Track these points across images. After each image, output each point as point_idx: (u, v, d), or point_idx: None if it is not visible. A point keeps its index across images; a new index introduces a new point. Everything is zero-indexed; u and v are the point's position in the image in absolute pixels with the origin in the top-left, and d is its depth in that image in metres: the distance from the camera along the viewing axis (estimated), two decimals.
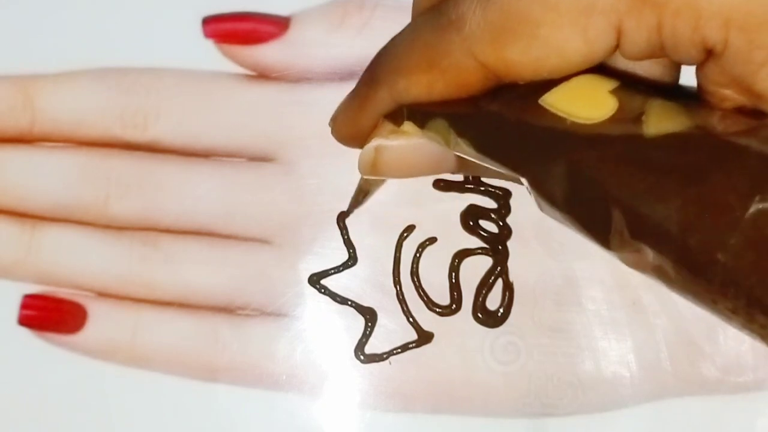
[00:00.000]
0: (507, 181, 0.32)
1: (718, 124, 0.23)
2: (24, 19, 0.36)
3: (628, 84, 0.24)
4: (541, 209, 0.24)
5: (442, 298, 0.35)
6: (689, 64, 0.24)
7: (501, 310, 0.34)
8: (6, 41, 0.36)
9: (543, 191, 0.24)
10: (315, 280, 0.34)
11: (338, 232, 0.35)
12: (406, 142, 0.27)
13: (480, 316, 0.34)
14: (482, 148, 0.25)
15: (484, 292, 0.34)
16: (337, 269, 0.35)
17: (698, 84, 0.25)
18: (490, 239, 0.35)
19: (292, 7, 0.35)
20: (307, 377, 0.34)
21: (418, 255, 0.35)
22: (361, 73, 0.35)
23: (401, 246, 0.35)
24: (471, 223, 0.35)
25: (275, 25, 0.35)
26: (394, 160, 0.28)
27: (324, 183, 0.35)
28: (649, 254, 0.22)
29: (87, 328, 0.35)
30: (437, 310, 0.34)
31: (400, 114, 0.27)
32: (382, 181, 0.33)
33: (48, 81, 0.35)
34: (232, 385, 0.34)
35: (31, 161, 0.35)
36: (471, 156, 0.26)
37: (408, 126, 0.27)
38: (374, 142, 0.28)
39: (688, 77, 0.25)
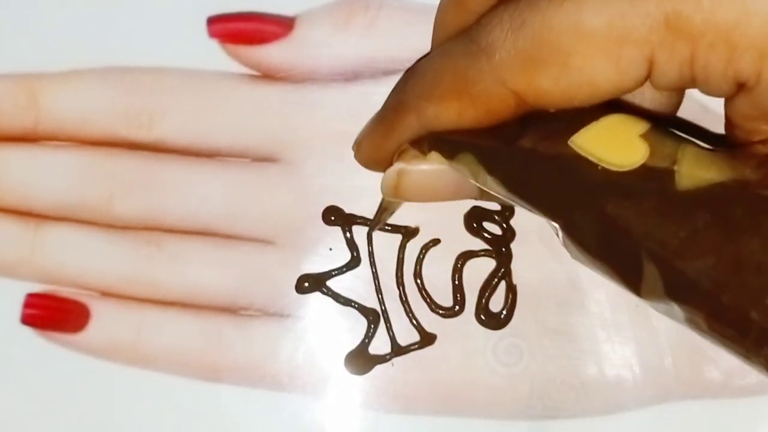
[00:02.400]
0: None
1: (754, 175, 0.22)
2: (28, 17, 0.36)
3: (658, 126, 0.24)
4: (571, 254, 0.24)
5: (445, 299, 0.35)
6: (718, 96, 0.24)
7: (504, 312, 0.34)
8: (10, 40, 0.36)
9: (575, 238, 0.24)
10: (310, 282, 0.34)
11: (341, 232, 0.35)
12: (430, 167, 0.27)
13: (483, 318, 0.34)
14: (512, 189, 0.25)
15: (487, 294, 0.34)
16: (340, 270, 0.35)
17: (726, 116, 0.24)
18: (494, 241, 0.35)
19: (298, 7, 0.35)
20: (309, 378, 0.34)
21: (421, 256, 0.35)
22: (366, 74, 0.35)
23: (404, 247, 0.35)
24: (474, 225, 0.35)
25: (280, 26, 0.35)
26: (416, 184, 0.28)
27: (328, 183, 0.35)
28: (682, 307, 0.22)
29: (90, 328, 0.35)
30: (440, 311, 0.34)
31: (426, 141, 0.27)
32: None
33: (52, 80, 0.35)
34: (234, 386, 0.34)
35: (35, 160, 0.35)
36: (500, 194, 0.25)
37: (434, 155, 0.27)
38: (397, 166, 0.28)
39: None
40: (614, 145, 0.23)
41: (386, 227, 0.34)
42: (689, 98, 0.27)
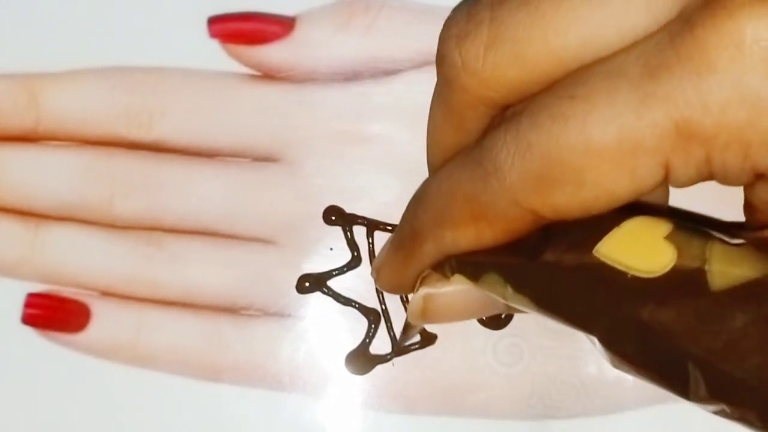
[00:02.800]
0: None
1: None
2: (28, 17, 0.36)
3: (681, 225, 0.24)
4: (611, 363, 0.24)
5: None
6: (738, 186, 0.23)
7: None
8: (10, 39, 0.36)
9: (615, 350, 0.23)
10: (311, 281, 0.34)
11: (342, 232, 0.35)
12: (454, 288, 0.27)
13: (483, 318, 0.34)
14: (543, 305, 0.24)
15: None
16: (341, 270, 0.35)
17: (745, 199, 0.24)
18: None
19: (298, 7, 0.35)
20: (310, 378, 0.34)
21: None
22: (366, 74, 0.35)
23: None
24: None
25: (281, 25, 0.35)
26: (443, 306, 0.27)
27: (329, 183, 0.35)
28: (732, 407, 0.22)
29: (90, 328, 0.35)
30: None
31: (448, 264, 0.26)
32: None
33: (53, 80, 0.35)
34: (235, 385, 0.34)
35: (36, 160, 0.35)
36: (531, 310, 0.25)
37: (458, 278, 0.26)
38: (422, 292, 0.27)
39: None
40: (640, 251, 0.23)
41: (387, 227, 0.34)
42: None
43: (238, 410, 0.34)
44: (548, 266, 0.24)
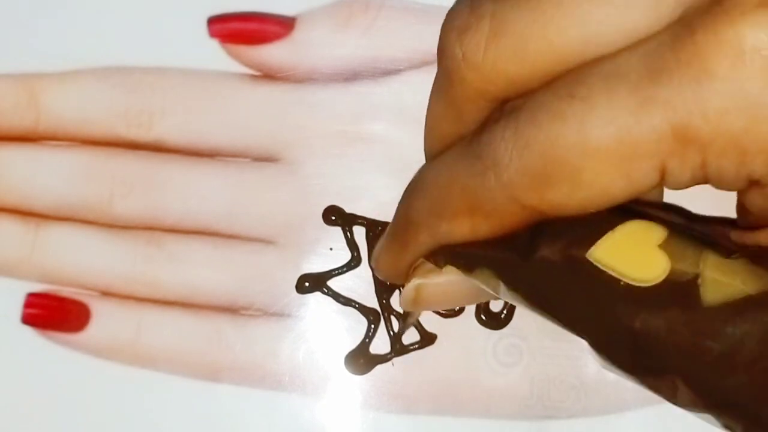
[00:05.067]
0: None
1: None
2: (28, 17, 0.36)
3: (675, 232, 0.24)
4: (602, 366, 0.24)
5: None
6: (732, 191, 0.23)
7: (504, 312, 0.34)
8: (10, 40, 0.36)
9: (604, 354, 0.23)
10: (311, 282, 0.34)
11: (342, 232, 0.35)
12: (446, 278, 0.27)
13: (483, 317, 0.34)
14: (535, 304, 0.25)
15: None
16: (341, 270, 0.35)
17: (738, 201, 0.24)
18: None
19: (298, 7, 0.35)
20: (310, 378, 0.34)
21: None
22: (366, 74, 0.35)
23: None
24: None
25: (280, 25, 0.35)
26: (434, 296, 0.28)
27: (329, 183, 0.35)
28: (720, 418, 0.22)
29: (90, 327, 0.35)
30: (441, 311, 0.34)
31: (441, 255, 0.27)
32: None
33: (53, 79, 0.35)
34: (235, 385, 0.34)
35: (36, 160, 0.35)
36: (524, 307, 0.25)
37: (450, 269, 0.27)
38: (414, 282, 0.28)
39: None
40: (634, 258, 0.23)
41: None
42: None
43: (238, 410, 0.34)
44: (541, 265, 0.24)
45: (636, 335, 0.22)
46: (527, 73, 0.24)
